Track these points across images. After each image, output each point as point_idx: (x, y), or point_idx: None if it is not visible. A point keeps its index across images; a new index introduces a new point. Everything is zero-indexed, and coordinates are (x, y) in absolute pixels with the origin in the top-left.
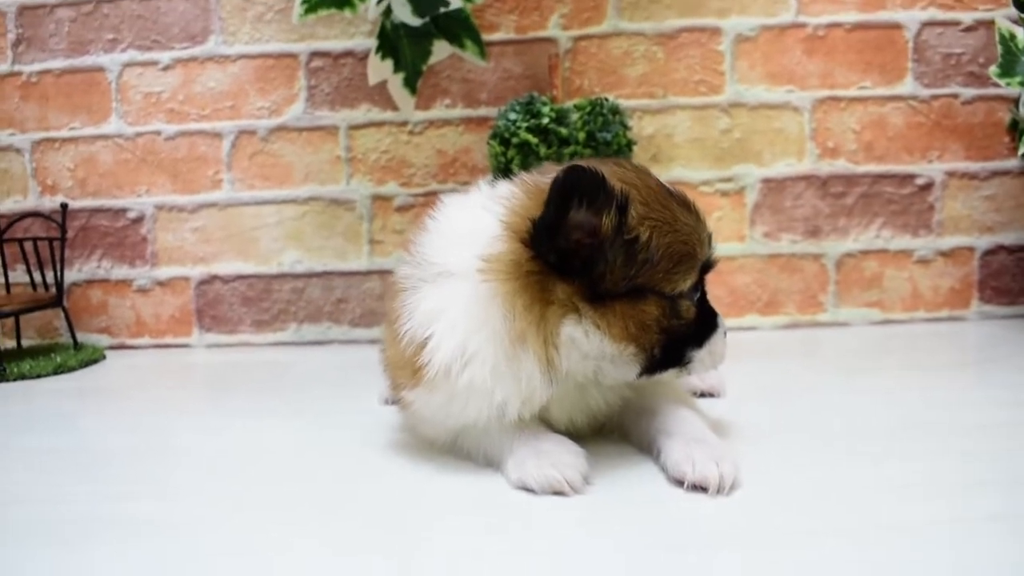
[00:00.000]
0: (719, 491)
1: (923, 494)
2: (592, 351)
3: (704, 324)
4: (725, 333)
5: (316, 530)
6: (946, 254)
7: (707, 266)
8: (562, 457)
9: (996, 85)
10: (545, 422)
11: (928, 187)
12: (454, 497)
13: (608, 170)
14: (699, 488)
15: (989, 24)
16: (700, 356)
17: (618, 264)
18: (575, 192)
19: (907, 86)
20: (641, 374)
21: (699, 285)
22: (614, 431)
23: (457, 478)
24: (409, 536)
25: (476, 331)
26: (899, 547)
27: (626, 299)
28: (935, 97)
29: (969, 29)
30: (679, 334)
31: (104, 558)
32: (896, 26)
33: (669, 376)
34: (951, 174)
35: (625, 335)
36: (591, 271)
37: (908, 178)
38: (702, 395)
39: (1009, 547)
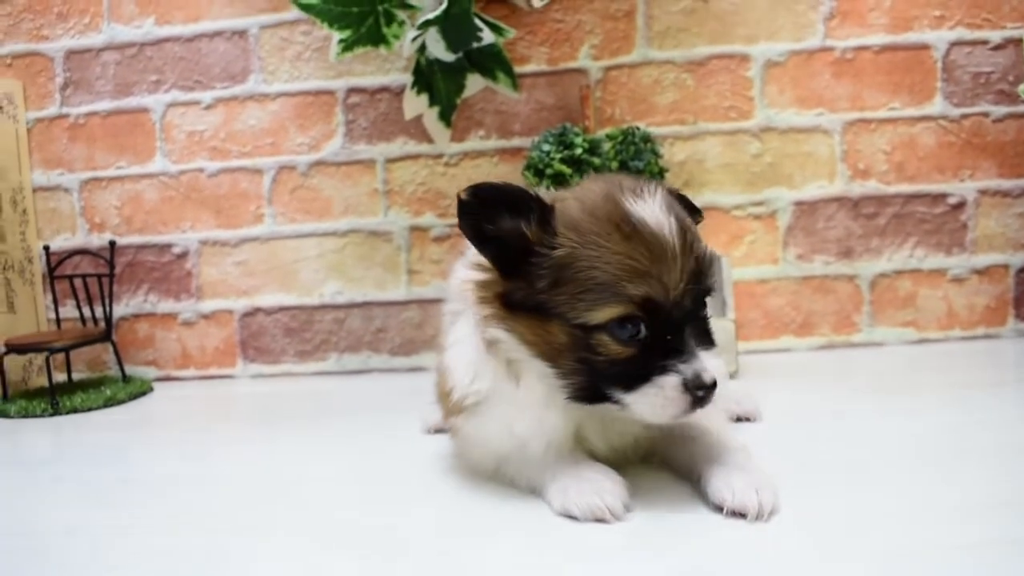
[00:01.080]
0: (758, 518)
1: (959, 517)
2: (520, 356)
3: (645, 369)
4: (687, 392)
5: (361, 558)
6: (980, 272)
7: (653, 308)
8: (603, 484)
9: None
10: (587, 451)
11: (961, 206)
12: (498, 523)
13: (582, 189)
14: (738, 515)
15: (1018, 42)
16: (631, 401)
17: (531, 276)
18: (499, 200)
19: (937, 106)
20: (572, 398)
21: (635, 323)
22: (656, 458)
23: (501, 504)
24: (453, 561)
25: (478, 359)
26: (932, 571)
27: (535, 314)
28: (965, 116)
29: (998, 47)
30: (597, 370)
31: None
32: (924, 47)
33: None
34: (983, 192)
35: (538, 350)
36: (522, 278)
37: (940, 197)
38: (738, 419)
39: None
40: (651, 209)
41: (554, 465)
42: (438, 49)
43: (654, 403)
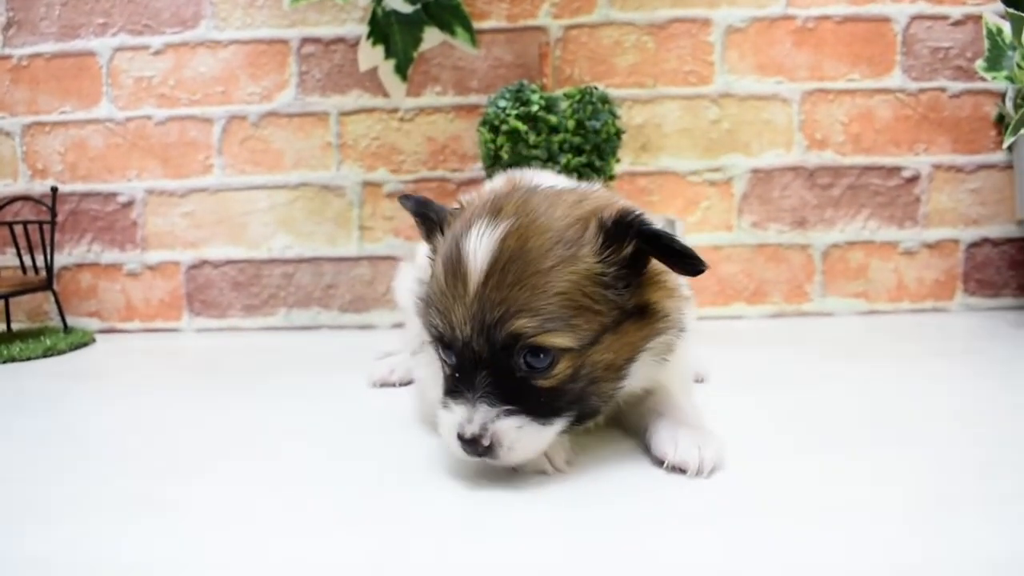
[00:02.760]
0: (698, 474)
1: (898, 478)
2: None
3: (446, 394)
4: (456, 432)
5: (304, 504)
6: (931, 246)
7: (444, 342)
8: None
9: (983, 79)
10: None
11: (915, 179)
12: (440, 474)
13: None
14: (678, 470)
15: (977, 19)
16: (440, 416)
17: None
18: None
19: (895, 79)
20: None
21: (447, 348)
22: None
23: (445, 457)
24: (398, 509)
25: None
26: (868, 528)
27: None
28: (923, 90)
29: (957, 23)
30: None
31: (99, 534)
32: (885, 19)
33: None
34: (937, 167)
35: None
36: None
37: (895, 170)
38: None
39: (975, 529)
40: (474, 242)
41: None
42: (396, 0)
43: (442, 430)
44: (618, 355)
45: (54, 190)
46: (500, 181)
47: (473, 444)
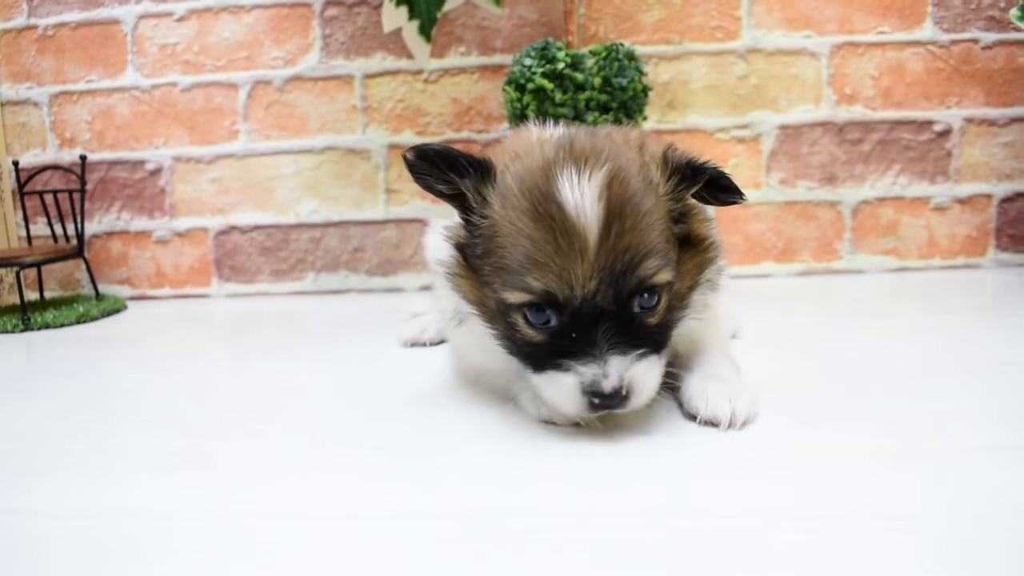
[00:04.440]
0: (730, 426)
1: (932, 427)
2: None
3: (551, 359)
4: (584, 395)
5: (337, 459)
6: (963, 201)
7: (555, 302)
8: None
9: (1017, 29)
10: None
11: (946, 133)
12: (477, 428)
13: (539, 148)
14: (711, 423)
15: None
16: (536, 383)
17: (473, 239)
18: (440, 162)
19: (926, 31)
20: (507, 352)
21: (541, 310)
22: None
23: (480, 411)
24: (436, 462)
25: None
26: (899, 475)
27: (476, 275)
28: (955, 42)
29: None
30: (515, 342)
31: (139, 486)
32: None
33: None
34: (970, 120)
35: (478, 310)
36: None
37: (926, 124)
38: None
39: (1010, 476)
40: (577, 190)
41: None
42: None
43: (554, 394)
44: (683, 285)
45: (83, 159)
46: (518, 134)
47: (612, 398)
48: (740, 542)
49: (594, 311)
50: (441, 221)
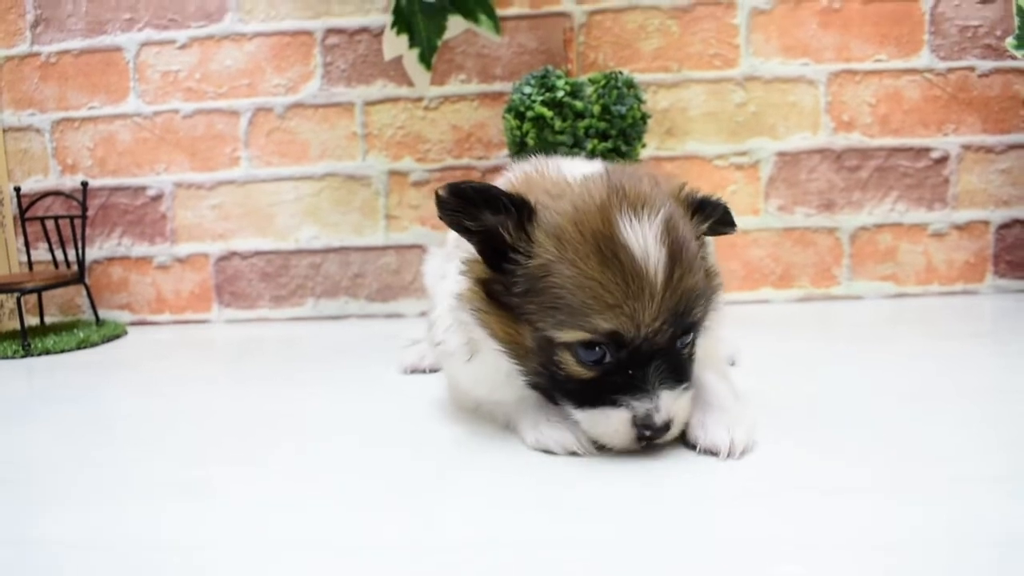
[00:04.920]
0: (729, 456)
1: (930, 456)
2: (483, 341)
3: (600, 395)
4: (635, 427)
5: (337, 487)
6: (961, 228)
7: (620, 341)
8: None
9: (1013, 58)
10: None
11: (943, 160)
12: (474, 454)
13: (586, 188)
14: (710, 452)
15: None
16: (580, 419)
17: (509, 276)
18: (477, 200)
19: (923, 59)
20: (531, 388)
21: (601, 349)
22: None
23: (477, 438)
24: (433, 488)
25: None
26: (897, 506)
27: (508, 312)
28: (951, 70)
29: (986, 1)
30: (556, 380)
31: (138, 515)
32: None
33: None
34: (967, 147)
35: (506, 346)
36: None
37: (923, 151)
38: None
39: (1009, 506)
40: (640, 233)
41: (524, 405)
42: None
43: (602, 429)
44: None
45: (84, 185)
46: (524, 167)
47: (661, 430)
48: (739, 573)
49: (651, 349)
50: (438, 249)
